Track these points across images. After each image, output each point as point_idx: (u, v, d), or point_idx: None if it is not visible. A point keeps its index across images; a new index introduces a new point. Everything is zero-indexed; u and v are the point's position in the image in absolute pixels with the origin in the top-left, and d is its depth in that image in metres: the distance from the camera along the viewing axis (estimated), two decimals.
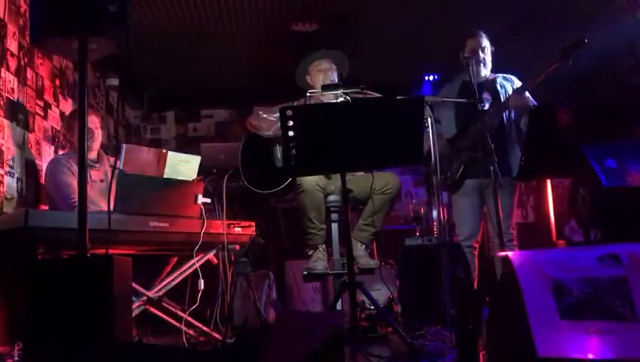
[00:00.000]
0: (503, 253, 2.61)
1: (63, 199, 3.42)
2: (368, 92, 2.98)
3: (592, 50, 5.29)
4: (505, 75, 3.76)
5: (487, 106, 3.47)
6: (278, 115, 3.27)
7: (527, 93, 3.47)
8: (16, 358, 2.48)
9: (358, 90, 3.02)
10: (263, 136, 3.42)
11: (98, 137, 3.66)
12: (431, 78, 5.63)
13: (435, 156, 2.83)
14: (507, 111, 3.59)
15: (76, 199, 3.29)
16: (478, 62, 3.61)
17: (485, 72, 3.67)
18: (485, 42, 3.69)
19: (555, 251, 2.63)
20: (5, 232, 2.69)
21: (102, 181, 3.58)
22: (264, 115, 3.44)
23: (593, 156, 2.23)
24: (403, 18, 4.88)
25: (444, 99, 3.52)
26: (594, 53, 5.42)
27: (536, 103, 3.51)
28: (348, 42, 4.82)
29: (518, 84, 3.69)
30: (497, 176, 2.98)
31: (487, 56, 3.66)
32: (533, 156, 2.71)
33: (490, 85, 3.65)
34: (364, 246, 3.38)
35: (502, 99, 3.57)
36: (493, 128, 3.36)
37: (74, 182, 3.37)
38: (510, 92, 3.63)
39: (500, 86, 3.67)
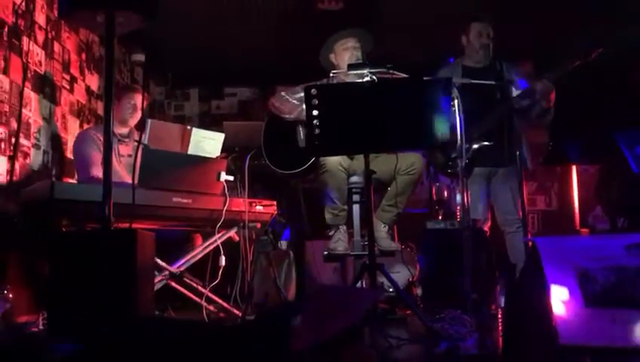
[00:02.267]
0: (527, 239, 2.58)
1: (81, 171, 3.48)
2: (395, 72, 2.94)
3: (624, 34, 5.21)
4: (506, 61, 3.70)
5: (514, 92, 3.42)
6: (301, 95, 3.26)
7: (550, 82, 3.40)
8: (41, 327, 2.53)
9: (384, 69, 2.98)
10: (284, 118, 3.41)
11: (138, 115, 3.68)
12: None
13: (461, 139, 2.79)
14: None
15: (94, 173, 3.35)
16: (484, 45, 3.56)
17: (490, 56, 3.61)
18: (489, 26, 3.62)
19: (582, 238, 2.60)
20: (31, 204, 2.73)
21: (130, 156, 3.61)
22: (286, 97, 3.42)
23: (625, 142, 2.18)
24: None
25: (472, 82, 3.47)
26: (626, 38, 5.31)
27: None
28: (374, 21, 4.76)
29: (518, 70, 3.62)
30: (524, 162, 2.94)
31: (490, 40, 3.59)
32: (561, 141, 2.67)
33: (495, 70, 3.59)
34: (386, 227, 3.36)
35: (510, 85, 3.52)
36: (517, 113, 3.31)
37: (96, 156, 3.43)
38: (514, 78, 3.57)
39: (506, 71, 3.61)
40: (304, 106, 3.26)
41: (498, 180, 3.57)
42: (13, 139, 3.25)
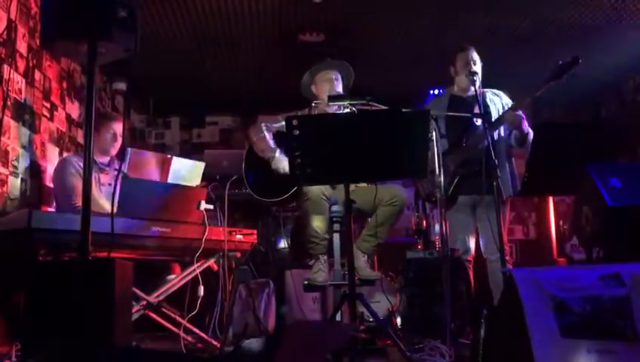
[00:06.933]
0: (505, 269, 2.60)
1: (66, 200, 3.43)
2: (374, 104, 2.98)
3: (597, 67, 5.37)
4: (493, 90, 3.75)
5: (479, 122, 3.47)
6: (282, 125, 3.28)
7: (519, 111, 3.44)
8: (14, 359, 2.48)
9: (364, 101, 3.02)
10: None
11: (118, 144, 3.67)
12: (436, 91, 5.65)
13: (439, 170, 2.83)
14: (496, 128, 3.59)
15: (77, 202, 3.32)
16: (470, 73, 3.61)
17: (477, 84, 3.66)
18: (476, 56, 3.69)
19: (557, 269, 2.63)
20: (8, 233, 2.69)
21: (110, 185, 3.59)
22: (265, 133, 3.42)
23: (597, 174, 2.23)
24: (409, 32, 4.91)
25: (449, 113, 3.52)
26: (599, 71, 5.47)
27: (526, 124, 3.48)
28: (355, 54, 4.84)
29: (506, 99, 3.69)
30: (500, 191, 2.97)
31: (478, 69, 3.66)
32: (536, 172, 2.72)
33: (482, 98, 3.64)
34: (366, 256, 3.37)
35: (492, 114, 3.56)
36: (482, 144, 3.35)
37: (79, 184, 3.40)
38: (499, 107, 3.63)
39: (490, 101, 3.66)
40: (277, 154, 3.32)
41: (482, 208, 3.59)
42: None
